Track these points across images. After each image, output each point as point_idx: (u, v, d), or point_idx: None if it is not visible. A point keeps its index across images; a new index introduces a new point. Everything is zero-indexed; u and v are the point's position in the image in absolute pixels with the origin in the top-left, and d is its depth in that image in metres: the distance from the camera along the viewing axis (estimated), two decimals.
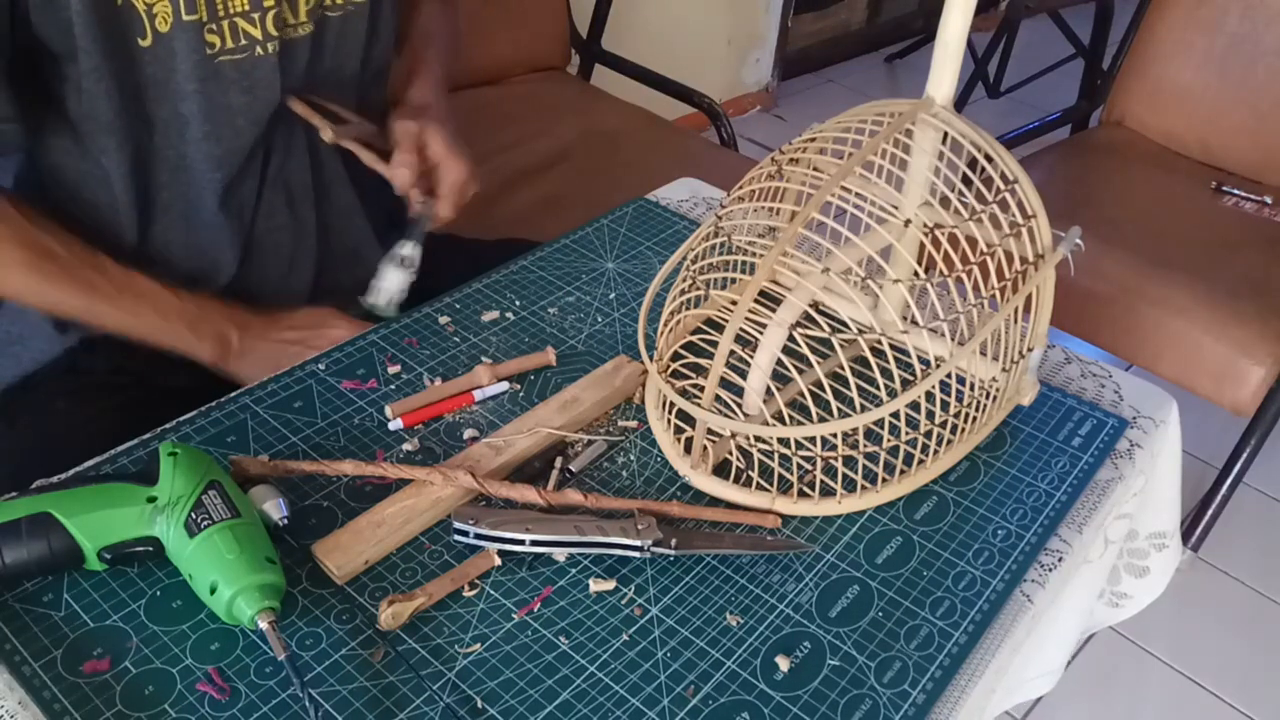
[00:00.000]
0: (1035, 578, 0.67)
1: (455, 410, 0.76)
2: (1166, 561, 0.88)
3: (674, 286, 0.73)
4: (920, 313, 0.73)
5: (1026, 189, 0.71)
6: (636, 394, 0.78)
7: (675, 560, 0.66)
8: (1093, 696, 1.50)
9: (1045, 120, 2.04)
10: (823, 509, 0.69)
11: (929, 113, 0.71)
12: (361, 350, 0.81)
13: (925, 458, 0.71)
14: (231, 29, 0.78)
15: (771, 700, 0.58)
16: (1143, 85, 1.92)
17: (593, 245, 0.96)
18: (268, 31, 0.80)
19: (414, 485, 0.67)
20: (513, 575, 0.64)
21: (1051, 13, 2.21)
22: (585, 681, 0.58)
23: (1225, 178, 1.81)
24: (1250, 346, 1.44)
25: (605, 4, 2.03)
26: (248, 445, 0.72)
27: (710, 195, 1.06)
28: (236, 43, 0.79)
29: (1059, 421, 0.79)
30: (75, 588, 0.61)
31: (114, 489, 0.61)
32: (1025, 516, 0.71)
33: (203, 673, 0.57)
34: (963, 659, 0.61)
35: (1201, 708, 1.49)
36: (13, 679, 0.56)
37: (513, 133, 1.69)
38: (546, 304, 0.88)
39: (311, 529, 0.65)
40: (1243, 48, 1.78)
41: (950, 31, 0.69)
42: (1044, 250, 0.71)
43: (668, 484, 0.71)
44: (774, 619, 0.63)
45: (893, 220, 0.69)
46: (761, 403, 0.68)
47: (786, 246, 0.65)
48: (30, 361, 0.85)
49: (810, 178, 0.70)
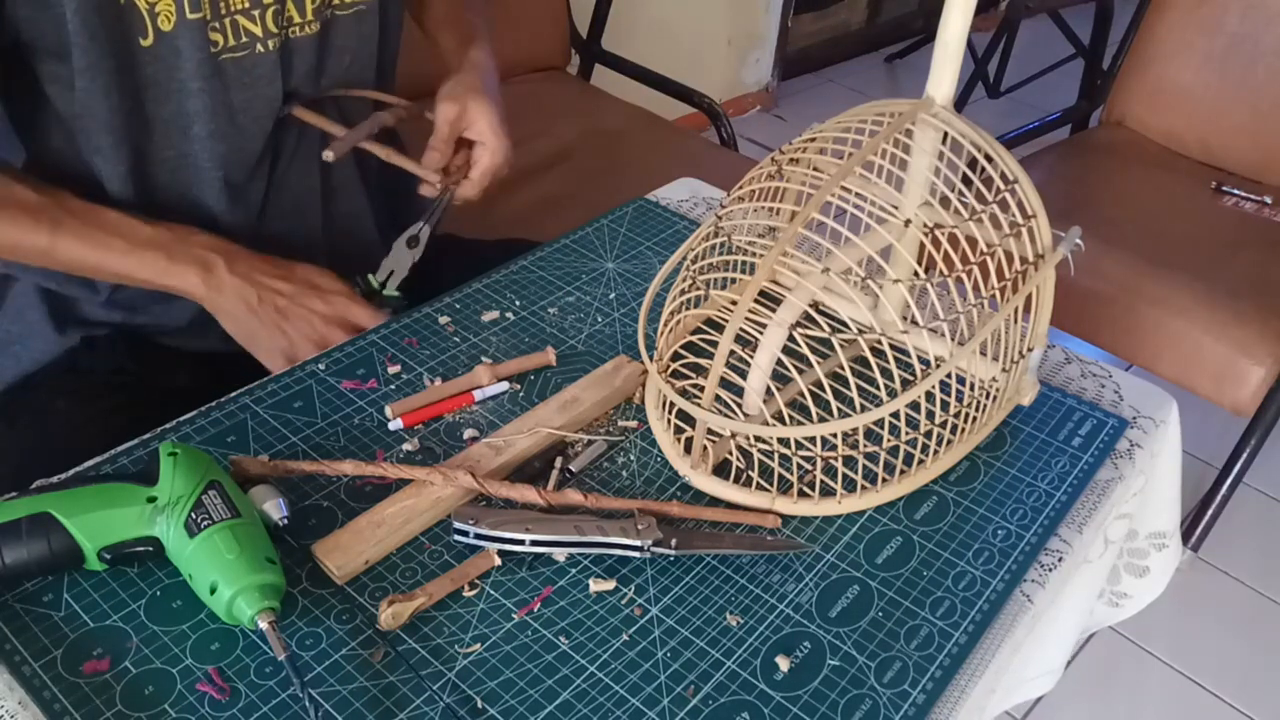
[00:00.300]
0: (1035, 578, 0.67)
1: (455, 410, 0.76)
2: (1167, 561, 0.88)
3: (674, 286, 0.73)
4: (920, 313, 0.73)
5: (1026, 189, 0.71)
6: (636, 394, 0.78)
7: (675, 560, 0.66)
8: (1093, 696, 1.50)
9: (1045, 120, 2.05)
10: (823, 509, 0.69)
11: (929, 113, 0.71)
12: (361, 350, 0.81)
13: (925, 458, 0.71)
14: (233, 26, 0.78)
15: (771, 700, 0.58)
16: (1143, 85, 1.92)
17: (593, 245, 0.96)
18: (268, 29, 0.80)
19: (414, 485, 0.67)
20: (513, 575, 0.64)
21: (1051, 13, 2.22)
22: (585, 681, 0.58)
23: (1225, 178, 1.81)
24: (1250, 346, 1.45)
25: (605, 4, 2.03)
26: (248, 445, 0.72)
27: (710, 195, 1.06)
28: (238, 40, 0.79)
29: (1059, 421, 0.79)
30: (75, 588, 0.61)
31: (114, 489, 0.61)
32: (1025, 516, 0.71)
33: (203, 673, 0.57)
34: (963, 659, 0.61)
35: (1201, 708, 1.49)
36: (13, 679, 0.56)
37: (513, 133, 1.68)
38: (546, 304, 0.88)
39: (311, 529, 0.65)
40: (1243, 48, 1.78)
41: (950, 31, 0.69)
42: (1044, 250, 0.71)
43: (668, 484, 0.71)
44: (774, 619, 0.63)
45: (893, 220, 0.69)
46: (761, 403, 0.68)
47: (786, 246, 0.65)
48: (30, 362, 0.85)
49: (810, 178, 0.70)
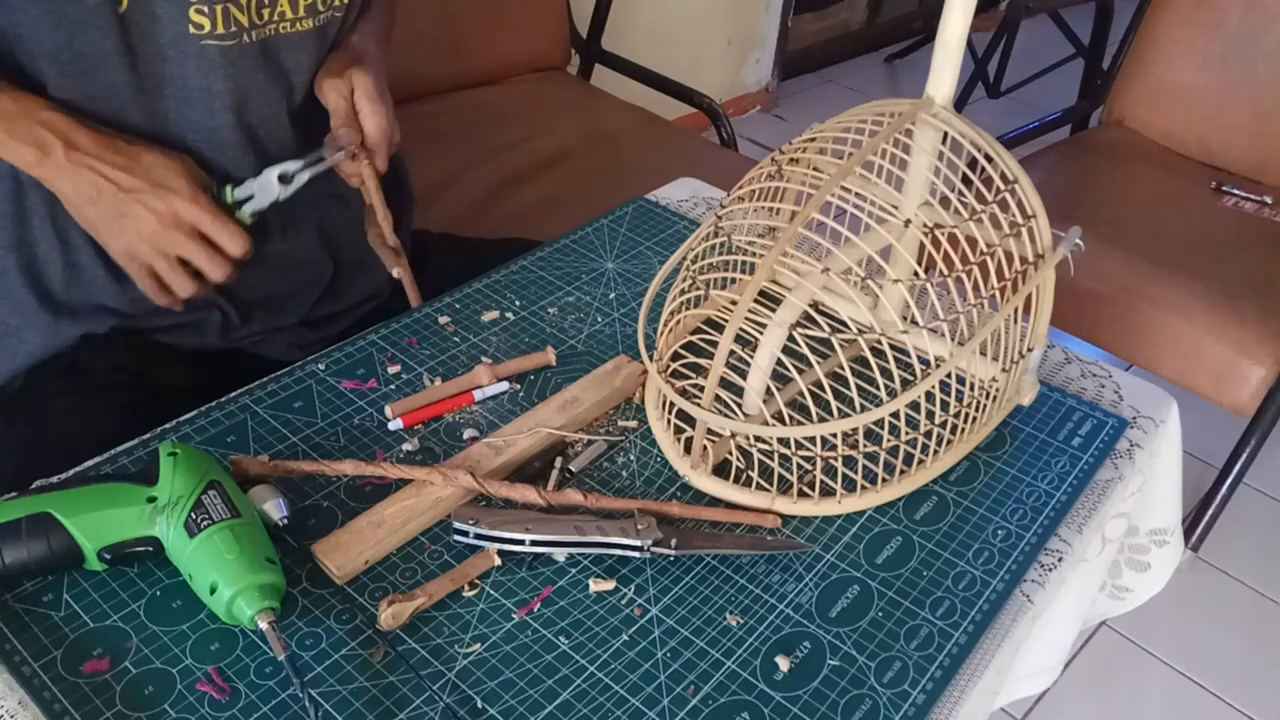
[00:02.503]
0: (1035, 578, 0.67)
1: (455, 410, 0.76)
2: (1168, 557, 0.88)
3: (674, 286, 0.73)
4: (920, 313, 0.73)
5: (1026, 189, 0.71)
6: (636, 394, 0.78)
7: (675, 560, 0.66)
8: (1093, 696, 1.49)
9: (1045, 120, 2.04)
10: (823, 509, 0.69)
11: (929, 113, 0.71)
12: (361, 350, 0.81)
13: (925, 458, 0.71)
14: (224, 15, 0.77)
15: (771, 700, 0.58)
16: (1143, 85, 1.92)
17: (593, 245, 0.96)
18: (253, 20, 0.78)
19: (414, 485, 0.67)
20: (513, 575, 0.64)
21: (1051, 13, 2.21)
22: (585, 681, 0.58)
23: (1225, 178, 1.81)
24: (1250, 346, 1.45)
25: (605, 4, 2.03)
26: (248, 445, 0.72)
27: (710, 195, 1.06)
28: (227, 29, 0.77)
29: (1059, 421, 0.79)
30: (75, 588, 0.61)
31: (114, 489, 0.61)
32: (1025, 516, 0.71)
33: (203, 673, 0.57)
34: (963, 659, 0.61)
35: (1201, 708, 1.49)
36: (13, 679, 0.56)
37: (513, 133, 1.69)
38: (546, 304, 0.88)
39: (311, 529, 0.65)
40: (1243, 48, 1.78)
41: (950, 31, 0.69)
42: (1044, 250, 0.71)
43: (668, 484, 0.71)
44: (774, 619, 0.63)
45: (893, 220, 0.69)
46: (761, 403, 0.68)
47: (786, 246, 0.65)
48: (26, 356, 0.84)
49: (810, 178, 0.70)
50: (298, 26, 0.82)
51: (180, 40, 0.76)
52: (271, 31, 0.80)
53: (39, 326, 0.83)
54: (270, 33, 0.80)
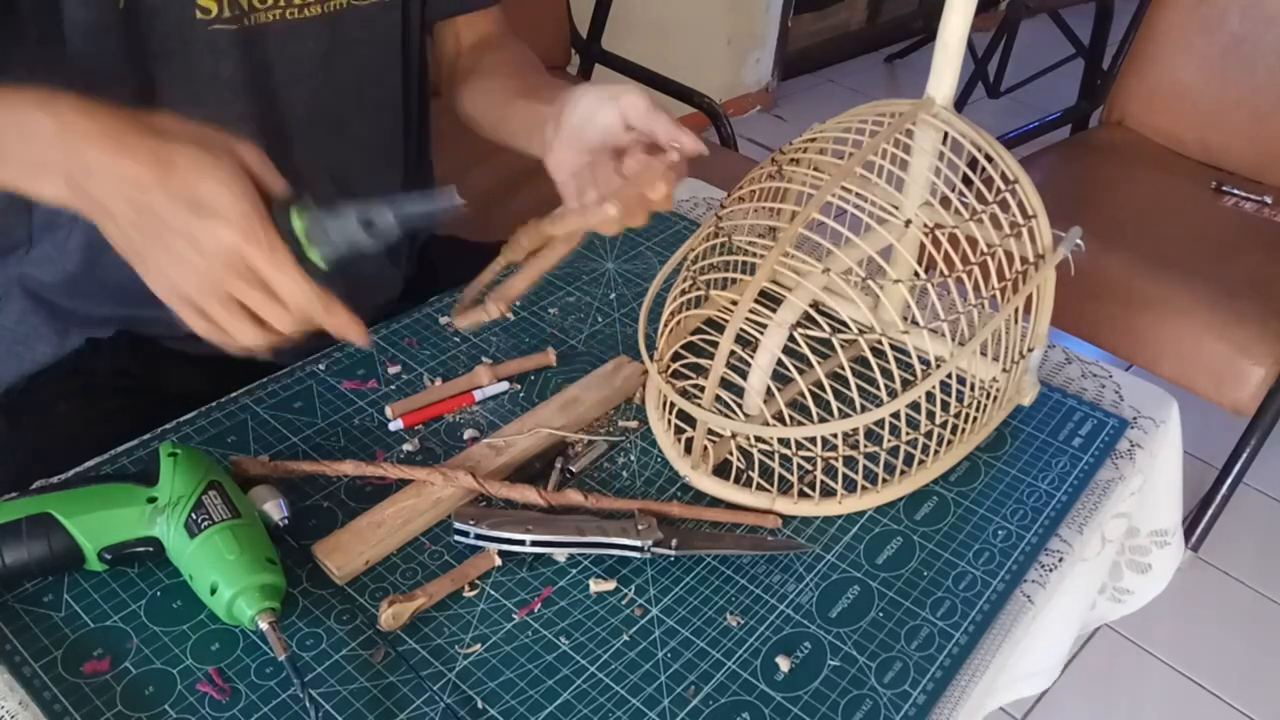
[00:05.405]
0: (1035, 578, 0.67)
1: (455, 410, 0.76)
2: (1168, 558, 0.88)
3: (674, 286, 0.73)
4: (920, 313, 0.73)
5: (1026, 189, 0.71)
6: (637, 394, 0.78)
7: (676, 560, 0.66)
8: (1093, 696, 1.50)
9: (1045, 120, 2.05)
10: (823, 509, 0.69)
11: (929, 113, 0.71)
12: (361, 350, 0.81)
13: (925, 458, 0.71)
14: None
15: (772, 700, 0.58)
16: (1143, 85, 1.92)
17: (593, 245, 0.96)
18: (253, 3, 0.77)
19: (414, 485, 0.67)
20: (513, 575, 0.64)
21: (1051, 13, 2.22)
22: (586, 682, 0.58)
23: (1225, 178, 1.81)
24: (1250, 346, 1.45)
25: (605, 4, 2.03)
26: (248, 445, 0.72)
27: (710, 195, 1.06)
28: (233, 11, 0.76)
29: (1059, 422, 0.79)
30: (75, 588, 0.61)
31: (114, 489, 0.61)
32: (1026, 517, 0.71)
33: (203, 673, 0.57)
34: (963, 659, 0.61)
35: (1201, 708, 1.49)
36: (13, 679, 0.56)
37: None
38: (546, 304, 0.88)
39: (312, 529, 0.65)
40: (1243, 48, 1.78)
41: (950, 32, 0.69)
42: (1044, 250, 0.71)
43: (668, 484, 0.71)
44: (774, 619, 0.63)
45: (893, 220, 0.69)
46: (762, 403, 0.68)
47: (787, 246, 0.65)
48: (31, 363, 0.84)
49: (811, 178, 0.70)
50: (305, 13, 0.81)
51: (186, 26, 0.74)
52: (276, 16, 0.79)
53: (46, 339, 0.84)
54: (275, 17, 0.79)
